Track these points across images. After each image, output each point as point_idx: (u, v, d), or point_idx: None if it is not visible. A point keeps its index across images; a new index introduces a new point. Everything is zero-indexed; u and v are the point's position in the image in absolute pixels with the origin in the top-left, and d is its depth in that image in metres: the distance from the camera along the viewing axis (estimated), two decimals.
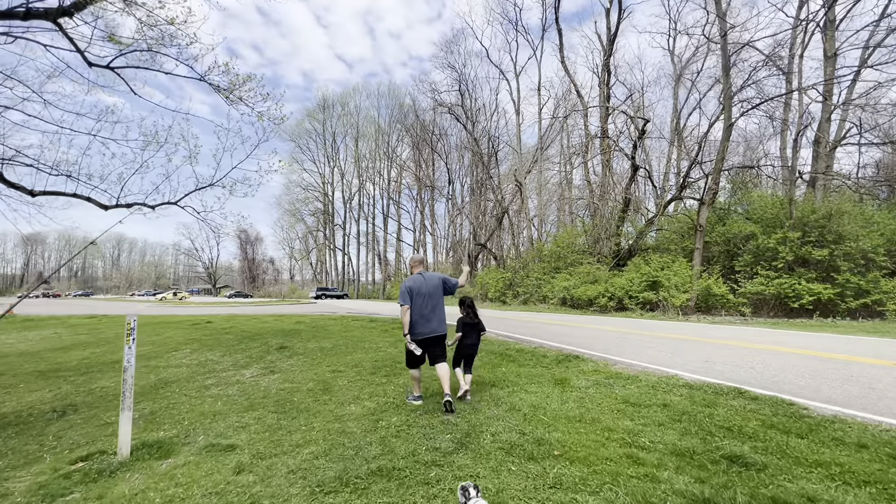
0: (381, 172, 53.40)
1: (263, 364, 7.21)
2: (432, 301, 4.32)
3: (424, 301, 4.28)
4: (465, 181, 45.73)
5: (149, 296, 59.21)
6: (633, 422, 3.59)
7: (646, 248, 21.37)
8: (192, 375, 6.62)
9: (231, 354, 8.32)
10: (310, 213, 62.16)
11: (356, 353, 7.79)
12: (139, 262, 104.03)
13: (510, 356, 6.95)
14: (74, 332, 13.68)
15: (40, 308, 28.94)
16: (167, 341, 10.61)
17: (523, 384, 5.06)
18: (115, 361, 8.02)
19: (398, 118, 50.32)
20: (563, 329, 10.96)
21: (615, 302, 17.15)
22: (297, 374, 6.22)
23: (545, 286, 23.01)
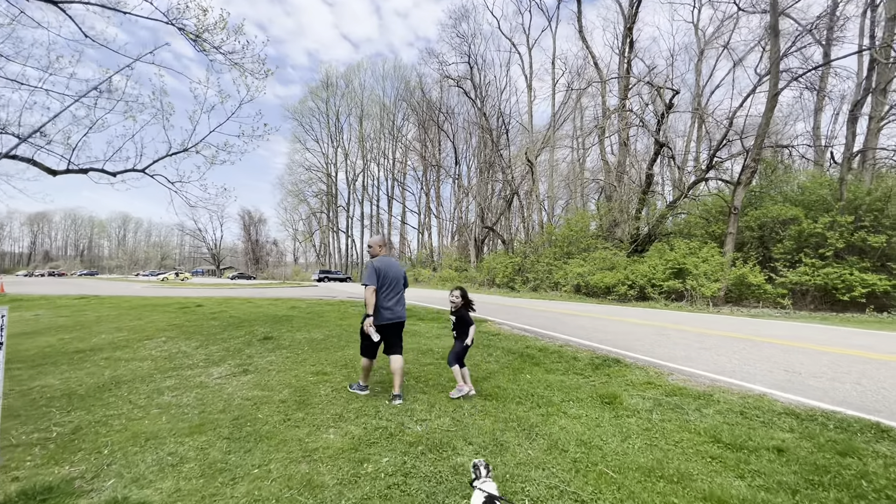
0: (386, 153, 51.84)
1: (239, 360, 6.09)
2: (398, 286, 4.18)
3: (392, 284, 4.11)
4: (472, 163, 44.05)
5: (152, 276, 58.77)
6: (744, 482, 2.37)
7: (666, 233, 19.93)
8: (151, 373, 5.52)
9: (207, 346, 7.24)
10: (313, 195, 60.94)
11: (349, 349, 6.65)
12: (145, 243, 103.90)
13: (533, 357, 5.74)
14: (56, 314, 12.78)
15: (37, 287, 28.27)
16: (146, 327, 9.60)
17: (559, 402, 3.85)
18: (80, 351, 7.05)
19: (404, 96, 48.44)
20: (587, 322, 9.73)
21: (636, 291, 15.86)
22: (272, 377, 5.07)
23: (557, 272, 21.73)
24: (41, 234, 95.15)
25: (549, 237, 25.84)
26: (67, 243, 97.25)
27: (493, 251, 44.43)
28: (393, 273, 4.11)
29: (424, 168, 46.41)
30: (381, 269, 4.03)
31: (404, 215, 52.34)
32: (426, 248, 48.27)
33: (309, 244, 68.66)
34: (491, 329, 8.43)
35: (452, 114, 41.47)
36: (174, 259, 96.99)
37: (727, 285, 13.68)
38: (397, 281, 4.16)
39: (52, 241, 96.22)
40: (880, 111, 13.73)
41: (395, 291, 4.14)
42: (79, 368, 5.83)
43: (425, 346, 6.70)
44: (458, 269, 36.38)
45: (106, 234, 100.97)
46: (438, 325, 8.95)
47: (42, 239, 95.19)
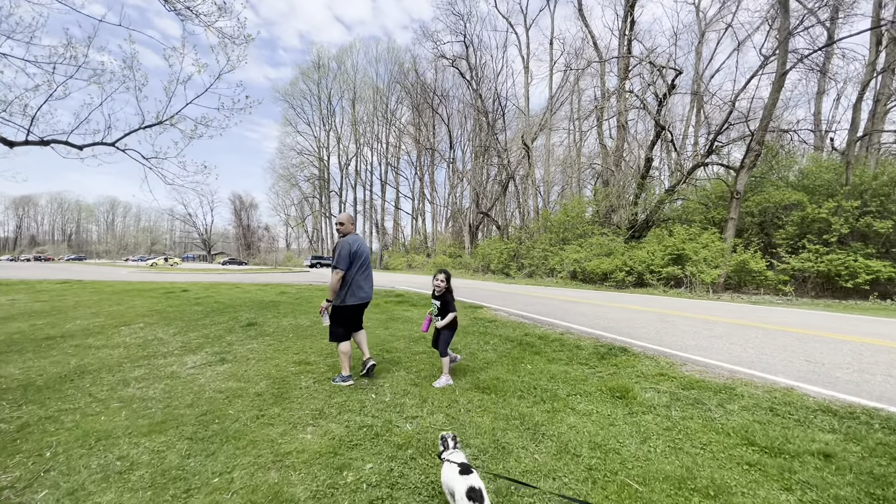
0: (379, 137, 50.71)
1: (218, 347, 5.66)
2: (367, 265, 4.08)
3: (365, 263, 4.03)
4: (467, 148, 43.25)
5: (140, 261, 57.74)
6: (792, 495, 2.00)
7: (665, 218, 19.61)
8: (121, 362, 5.09)
9: (187, 332, 6.80)
10: (305, 179, 59.76)
11: None
12: (134, 227, 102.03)
13: (532, 345, 5.37)
14: (34, 300, 12.20)
15: (19, 272, 27.43)
16: (125, 313, 9.12)
17: (565, 397, 3.47)
18: (50, 337, 6.58)
19: (397, 78, 47.14)
20: (586, 308, 9.39)
21: (634, 277, 15.57)
22: (251, 367, 4.65)
23: (553, 258, 21.40)
24: (27, 218, 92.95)
25: (545, 223, 25.44)
26: (54, 228, 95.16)
27: (487, 237, 44.05)
28: (364, 251, 4.05)
29: (418, 152, 45.53)
30: (356, 251, 3.91)
31: (398, 201, 51.71)
32: (420, 234, 47.72)
33: (301, 230, 67.76)
34: (487, 316, 8.05)
35: (447, 97, 40.53)
36: (164, 244, 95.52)
37: (727, 272, 13.42)
38: (367, 258, 4.10)
39: (38, 226, 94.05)
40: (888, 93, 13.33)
41: (368, 270, 4.08)
42: (44, 356, 5.39)
43: (418, 334, 6.30)
44: (452, 255, 35.97)
45: (94, 218, 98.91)
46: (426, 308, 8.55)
47: (28, 223, 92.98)
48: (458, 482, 1.81)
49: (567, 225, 23.83)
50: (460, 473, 1.84)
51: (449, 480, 1.90)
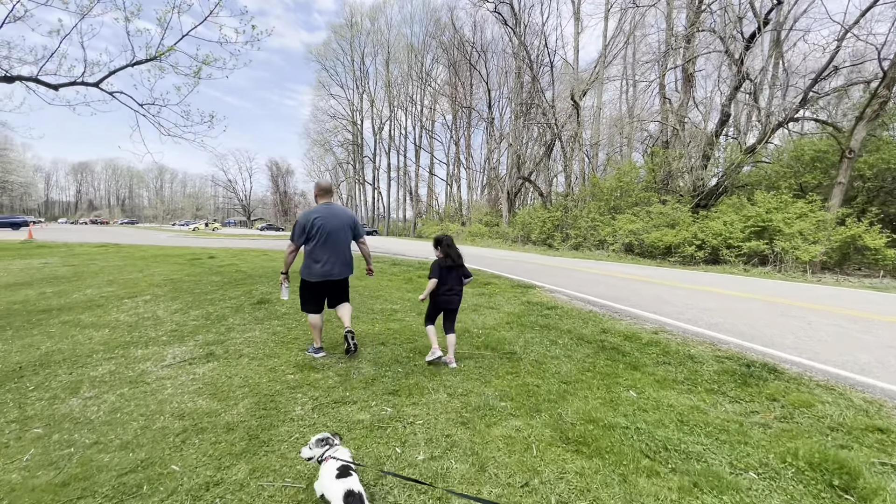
0: (414, 98, 48.34)
1: (213, 335, 4.57)
2: (340, 239, 3.55)
3: (331, 238, 3.50)
4: (506, 110, 40.20)
5: (184, 226, 59.85)
6: None
7: (740, 184, 16.90)
8: (95, 350, 4.15)
9: (189, 310, 5.84)
10: (338, 144, 58.84)
11: (360, 322, 4.99)
12: (181, 193, 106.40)
13: (622, 351, 3.85)
14: (65, 263, 12.00)
15: (69, 235, 28.46)
16: (139, 282, 8.43)
17: (730, 476, 1.97)
18: (47, 310, 5.79)
19: (433, 34, 44.12)
20: (664, 292, 7.66)
21: (706, 252, 13.42)
22: (239, 370, 3.46)
23: (603, 229, 19.30)
24: (85, 184, 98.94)
25: (594, 189, 23.06)
26: (109, 193, 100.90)
27: (526, 205, 41.73)
28: (331, 223, 3.51)
29: (454, 114, 42.99)
30: (310, 221, 3.48)
31: (432, 166, 49.73)
32: (455, 202, 45.98)
33: (336, 196, 67.63)
34: (543, 299, 6.55)
35: (486, 53, 37.38)
36: (208, 210, 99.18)
37: (829, 248, 11.08)
38: (335, 229, 3.53)
39: (95, 191, 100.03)
40: None
41: (330, 245, 3.52)
42: (23, 336, 4.58)
43: (459, 326, 4.91)
44: (488, 224, 34.22)
45: (144, 184, 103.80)
46: (475, 293, 7.14)
47: (86, 188, 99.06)
48: (334, 486, 1.61)
49: (619, 192, 21.42)
50: (338, 477, 1.64)
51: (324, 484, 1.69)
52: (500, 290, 7.36)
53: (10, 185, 48.08)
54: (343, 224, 3.59)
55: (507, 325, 4.88)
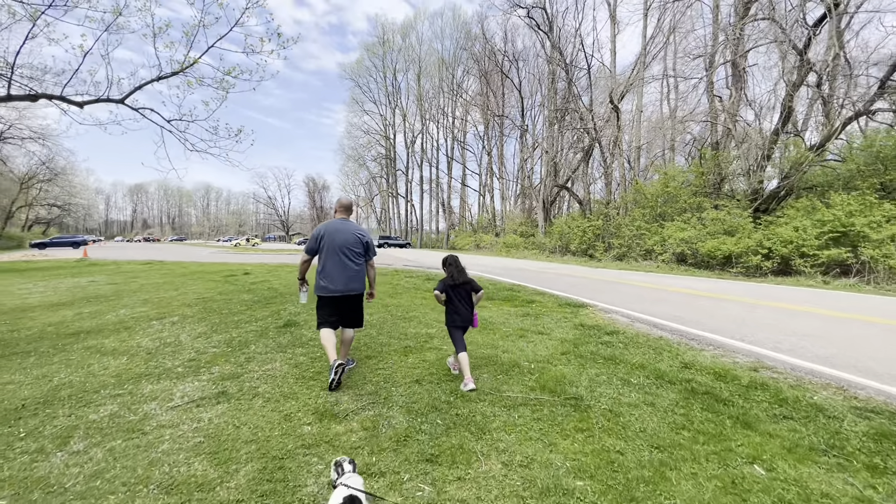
0: (446, 111, 48.41)
1: (231, 366, 4.13)
2: (347, 254, 3.54)
3: (338, 252, 3.53)
4: (539, 117, 39.27)
5: (227, 242, 62.44)
6: None
7: (807, 185, 15.19)
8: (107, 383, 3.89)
9: (212, 334, 5.52)
10: (372, 159, 59.85)
11: (391, 350, 4.40)
12: (225, 210, 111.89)
13: (721, 398, 3.01)
14: (110, 281, 12.37)
15: (121, 252, 30.05)
16: (171, 301, 8.34)
17: None
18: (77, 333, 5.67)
19: (464, 45, 44.13)
20: (741, 311, 6.60)
21: (774, 262, 11.96)
22: (251, 417, 2.94)
23: (649, 238, 17.96)
24: (140, 204, 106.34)
25: (637, 196, 21.70)
26: (161, 212, 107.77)
27: (562, 214, 40.36)
28: (340, 238, 3.56)
29: (486, 125, 42.55)
30: (324, 235, 3.57)
31: (464, 177, 49.33)
32: (488, 212, 45.24)
33: (370, 209, 68.71)
34: (599, 321, 5.72)
35: (518, 61, 36.81)
36: (250, 226, 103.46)
37: None
38: (345, 245, 3.55)
39: (149, 210, 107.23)
40: None
41: (332, 260, 3.54)
42: (43, 363, 4.39)
43: (507, 357, 4.20)
44: (523, 235, 33.21)
45: (192, 202, 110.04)
46: (519, 314, 6.41)
47: (141, 208, 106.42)
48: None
49: (665, 197, 20.00)
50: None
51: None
52: (547, 309, 6.59)
53: (74, 207, 52.04)
54: (349, 241, 3.57)
55: (562, 356, 4.13)
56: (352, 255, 3.57)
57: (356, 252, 3.60)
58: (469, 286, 3.63)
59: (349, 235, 3.57)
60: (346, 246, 3.55)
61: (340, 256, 3.53)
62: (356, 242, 3.60)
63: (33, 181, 38.79)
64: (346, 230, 3.60)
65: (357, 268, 3.61)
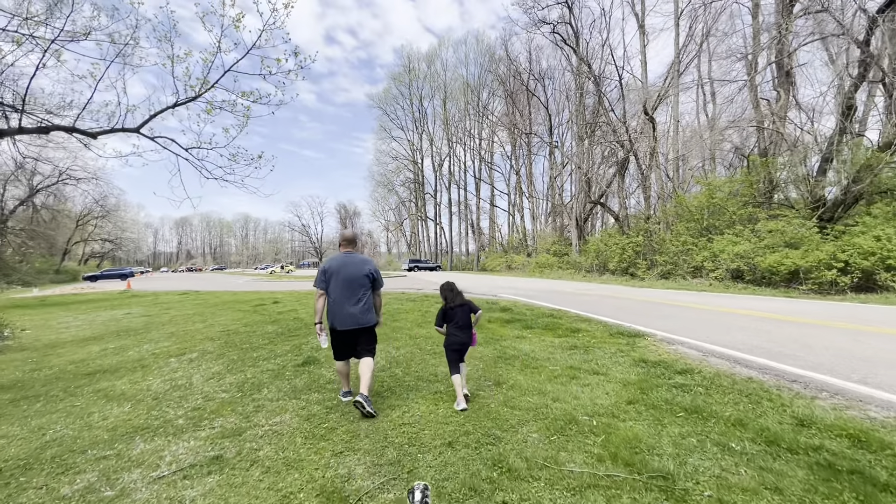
0: (472, 133, 48.61)
1: (237, 417, 3.62)
2: (354, 287, 3.55)
3: (346, 286, 3.53)
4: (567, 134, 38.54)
5: (263, 270, 64.32)
6: None
7: (881, 189, 13.55)
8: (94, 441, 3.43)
9: (229, 372, 5.18)
10: (401, 184, 60.65)
11: (419, 397, 3.74)
12: (262, 239, 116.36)
13: (862, 473, 2.16)
14: (145, 312, 12.51)
15: (163, 283, 31.20)
16: (195, 335, 8.16)
17: None
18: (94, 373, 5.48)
19: (489, 68, 44.49)
20: (842, 339, 5.50)
21: (854, 276, 10.47)
22: (243, 496, 2.34)
23: (697, 253, 16.55)
24: (185, 236, 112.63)
25: (679, 209, 20.32)
26: (204, 242, 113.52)
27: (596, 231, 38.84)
28: (347, 271, 3.54)
29: (513, 144, 42.22)
30: (332, 270, 3.56)
31: (493, 198, 48.81)
32: (518, 232, 44.27)
33: (399, 234, 69.29)
34: (663, 356, 4.82)
35: (544, 79, 36.52)
36: (286, 253, 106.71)
37: None
38: (353, 278, 3.54)
39: (192, 241, 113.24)
40: None
41: (352, 291, 3.52)
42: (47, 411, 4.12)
43: (559, 408, 3.44)
44: (557, 254, 32.00)
45: (232, 232, 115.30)
46: (565, 346, 5.61)
47: (185, 240, 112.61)
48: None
49: (710, 209, 18.57)
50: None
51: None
52: (596, 340, 5.74)
53: (125, 242, 55.41)
54: (356, 274, 3.58)
55: (628, 405, 3.32)
56: (359, 289, 3.58)
57: (364, 285, 3.60)
58: (467, 307, 3.70)
59: (355, 268, 3.59)
60: (354, 279, 3.56)
61: (349, 291, 3.54)
62: (363, 276, 3.61)
63: (87, 218, 41.73)
64: (353, 263, 3.61)
65: (366, 301, 3.62)
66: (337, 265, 3.59)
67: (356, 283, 3.58)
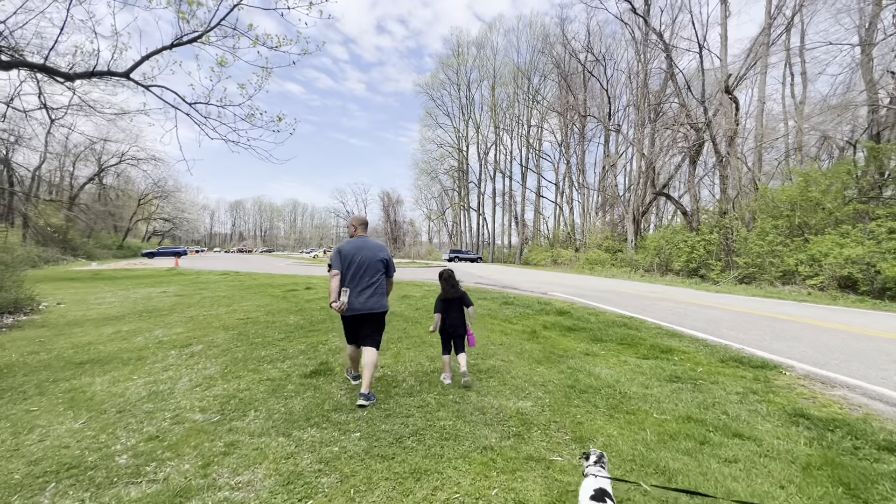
0: (521, 118, 46.24)
1: (194, 460, 2.52)
2: (370, 272, 3.51)
3: (361, 271, 3.49)
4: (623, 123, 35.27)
5: (308, 253, 65.82)
6: None
7: None
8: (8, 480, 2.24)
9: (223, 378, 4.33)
10: (444, 172, 59.42)
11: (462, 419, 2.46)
12: (310, 224, 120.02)
13: None
14: (178, 292, 12.18)
15: (211, 263, 32.05)
16: (214, 321, 7.50)
17: None
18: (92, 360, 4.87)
19: (541, 49, 41.80)
20: None
21: None
22: None
23: (789, 255, 13.97)
24: (238, 218, 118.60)
25: (763, 203, 17.49)
26: (255, 226, 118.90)
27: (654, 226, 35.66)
28: (363, 255, 3.50)
29: (565, 131, 39.52)
30: (348, 252, 3.50)
31: (539, 188, 46.29)
32: (567, 225, 41.69)
33: (441, 223, 68.32)
34: (843, 413, 3.16)
35: (605, 59, 33.49)
36: (331, 238, 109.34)
37: None
38: (369, 263, 3.50)
39: (245, 224, 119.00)
40: None
41: (362, 279, 3.48)
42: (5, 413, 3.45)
43: None
44: (609, 250, 29.52)
45: (282, 217, 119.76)
46: (653, 369, 4.09)
47: (239, 222, 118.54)
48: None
49: (804, 205, 15.71)
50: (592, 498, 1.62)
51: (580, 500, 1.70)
52: (705, 368, 4.15)
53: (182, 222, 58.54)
54: (370, 259, 3.50)
55: None
56: (373, 274, 3.51)
57: (377, 270, 3.53)
58: (461, 301, 3.80)
59: (370, 253, 3.52)
60: (367, 264, 3.49)
61: (362, 275, 3.48)
62: (377, 261, 3.54)
63: (148, 198, 44.13)
64: (367, 248, 3.54)
65: (378, 286, 3.54)
66: (353, 249, 3.50)
67: (371, 268, 3.51)
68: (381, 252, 3.60)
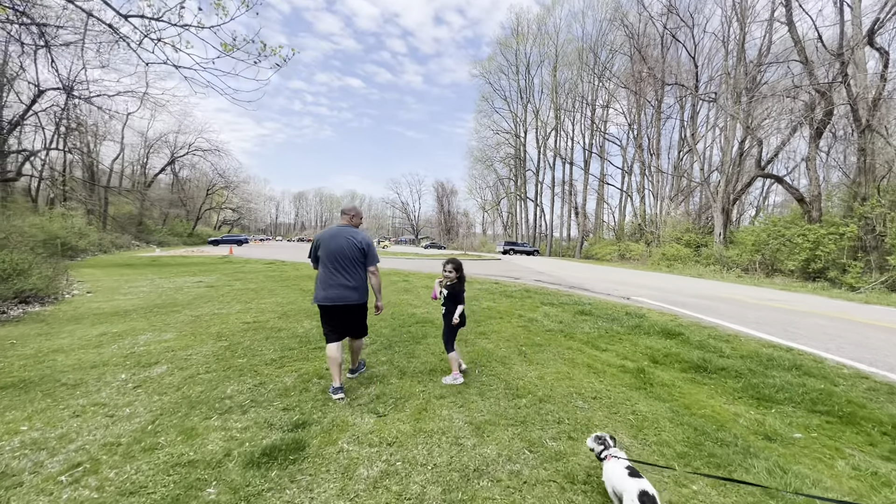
0: (586, 98, 42.18)
1: None
2: (343, 261, 3.34)
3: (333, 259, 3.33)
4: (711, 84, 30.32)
5: None
6: None
7: None
8: None
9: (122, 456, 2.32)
10: (500, 160, 56.67)
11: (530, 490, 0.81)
12: (367, 215, 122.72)
13: None
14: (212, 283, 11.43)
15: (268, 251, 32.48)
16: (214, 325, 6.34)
17: None
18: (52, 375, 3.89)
19: (612, 17, 37.39)
20: None
21: None
22: None
23: None
24: (301, 209, 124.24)
25: None
26: (316, 216, 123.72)
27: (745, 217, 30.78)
28: (336, 244, 3.32)
29: (637, 109, 35.21)
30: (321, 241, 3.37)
31: (603, 175, 41.98)
32: (637, 216, 37.42)
33: (496, 214, 65.75)
34: None
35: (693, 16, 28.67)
36: (386, 229, 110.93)
37: None
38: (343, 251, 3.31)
39: (307, 214, 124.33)
40: None
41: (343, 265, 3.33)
42: None
43: None
44: (690, 245, 25.62)
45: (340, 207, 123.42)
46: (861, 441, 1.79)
47: (301, 212, 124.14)
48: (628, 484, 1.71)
49: None
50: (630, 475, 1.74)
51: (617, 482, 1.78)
52: None
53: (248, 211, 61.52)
54: (342, 247, 3.33)
55: None
56: (346, 263, 3.33)
57: (350, 259, 3.33)
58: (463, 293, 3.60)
59: (343, 241, 3.33)
60: (339, 253, 3.31)
61: (334, 264, 3.31)
62: (351, 248, 3.33)
63: (216, 188, 46.40)
64: (341, 236, 3.36)
65: (351, 276, 3.34)
66: (327, 236, 3.35)
67: (344, 255, 3.30)
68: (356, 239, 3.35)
